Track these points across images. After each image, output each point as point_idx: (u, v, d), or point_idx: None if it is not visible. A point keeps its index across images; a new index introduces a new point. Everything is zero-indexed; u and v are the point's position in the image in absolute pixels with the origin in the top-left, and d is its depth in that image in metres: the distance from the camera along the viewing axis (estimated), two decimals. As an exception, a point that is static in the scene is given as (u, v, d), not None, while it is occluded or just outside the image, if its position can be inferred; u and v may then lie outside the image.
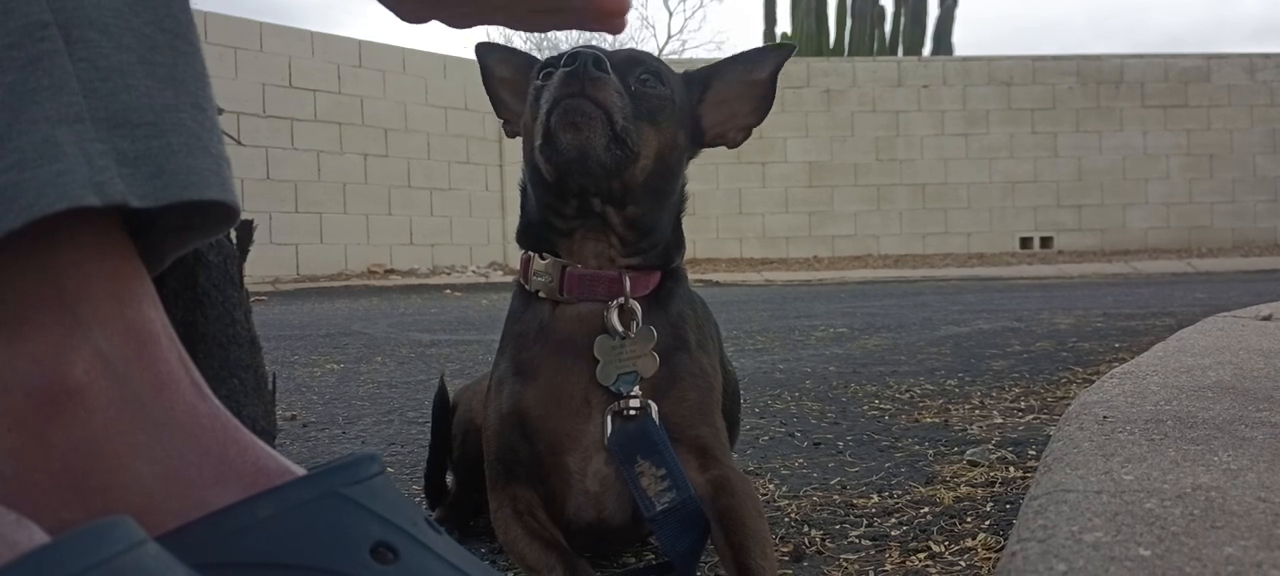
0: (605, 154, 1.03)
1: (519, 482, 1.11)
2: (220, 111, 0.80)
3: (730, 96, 1.15)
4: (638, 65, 1.07)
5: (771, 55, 1.15)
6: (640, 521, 1.09)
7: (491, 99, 1.22)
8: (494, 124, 12.03)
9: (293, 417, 2.23)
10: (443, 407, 1.42)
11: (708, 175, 12.37)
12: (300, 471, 0.64)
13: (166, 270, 0.73)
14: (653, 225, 1.11)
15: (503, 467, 1.13)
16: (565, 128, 1.01)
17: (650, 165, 1.07)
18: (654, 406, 1.06)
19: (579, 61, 1.00)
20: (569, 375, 1.09)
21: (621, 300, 1.08)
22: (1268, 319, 2.86)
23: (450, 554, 0.62)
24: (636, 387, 1.06)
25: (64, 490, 0.60)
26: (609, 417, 1.06)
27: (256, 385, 1.04)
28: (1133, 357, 2.23)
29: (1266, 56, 13.91)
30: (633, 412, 1.05)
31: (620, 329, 1.07)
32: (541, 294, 1.11)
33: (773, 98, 1.17)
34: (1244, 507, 0.91)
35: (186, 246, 0.73)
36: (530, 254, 1.14)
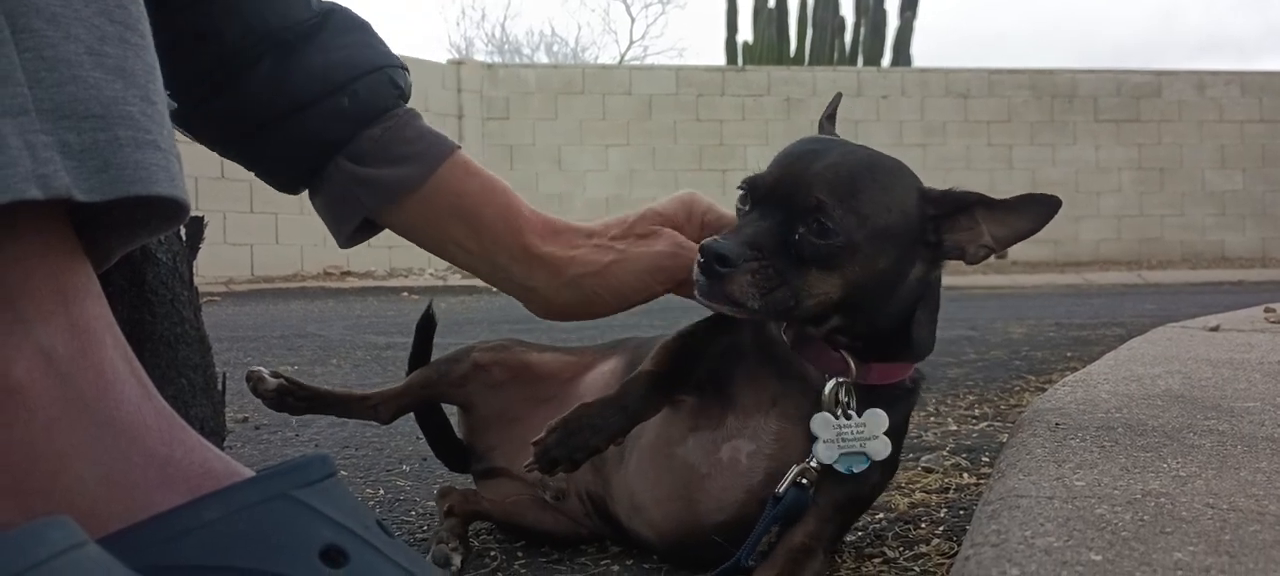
0: (755, 315, 1.04)
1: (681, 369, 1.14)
2: (174, 106, 0.79)
3: (983, 226, 1.10)
4: (811, 215, 1.03)
5: (1040, 210, 1.09)
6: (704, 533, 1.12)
7: None
8: (455, 126, 11.97)
9: (244, 419, 2.19)
10: (427, 325, 1.47)
11: (666, 182, 12.40)
12: (248, 473, 0.63)
13: (113, 266, 0.72)
14: (871, 326, 1.09)
15: (680, 352, 1.15)
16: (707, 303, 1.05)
17: (835, 297, 1.04)
18: (811, 492, 1.07)
19: (704, 258, 1.01)
20: (765, 386, 1.12)
21: (844, 380, 1.09)
22: (1215, 329, 2.92)
23: (401, 556, 0.61)
24: (814, 462, 1.07)
25: (2, 490, 0.58)
26: (792, 473, 1.06)
27: (205, 385, 1.02)
28: (1084, 366, 2.25)
29: (1215, 73, 14.20)
30: (803, 482, 1.06)
31: (838, 411, 1.08)
32: None
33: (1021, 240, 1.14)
34: (1193, 514, 0.92)
35: (134, 242, 0.71)
36: None
